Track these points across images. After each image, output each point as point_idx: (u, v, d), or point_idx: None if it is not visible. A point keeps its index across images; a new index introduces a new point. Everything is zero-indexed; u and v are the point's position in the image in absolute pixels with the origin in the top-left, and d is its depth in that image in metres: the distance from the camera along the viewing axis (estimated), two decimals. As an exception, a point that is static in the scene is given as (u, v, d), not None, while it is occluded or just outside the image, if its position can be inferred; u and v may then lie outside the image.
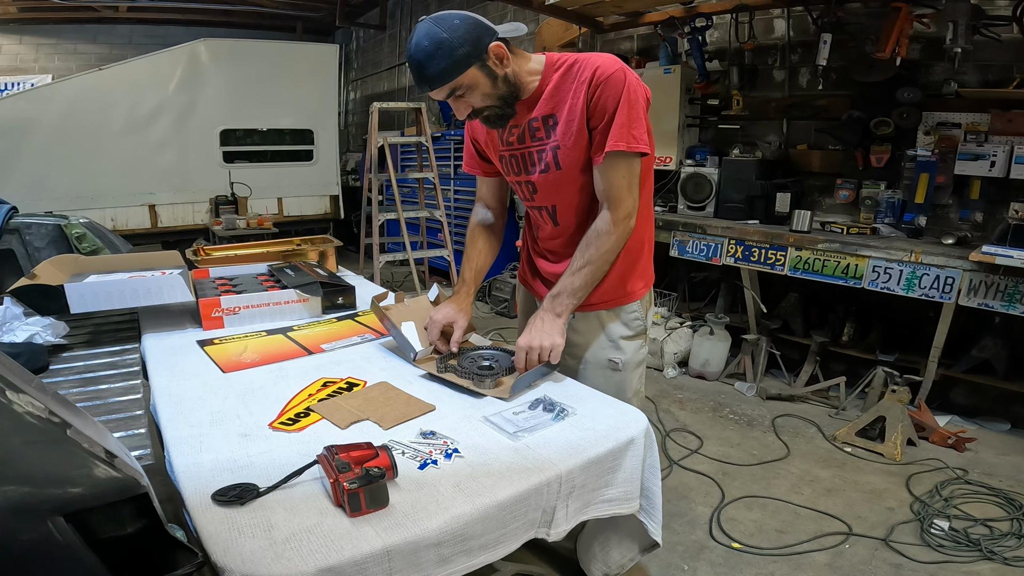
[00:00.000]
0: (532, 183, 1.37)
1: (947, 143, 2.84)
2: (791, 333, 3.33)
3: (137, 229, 5.93)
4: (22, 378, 0.70)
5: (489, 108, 1.24)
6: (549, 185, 1.34)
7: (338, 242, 2.41)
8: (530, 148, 1.33)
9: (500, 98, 1.23)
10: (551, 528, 0.96)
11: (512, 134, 1.34)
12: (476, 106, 1.23)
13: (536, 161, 1.33)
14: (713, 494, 2.23)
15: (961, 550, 1.89)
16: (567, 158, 1.28)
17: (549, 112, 1.27)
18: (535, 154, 1.33)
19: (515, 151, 1.36)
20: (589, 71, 1.21)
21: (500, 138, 1.38)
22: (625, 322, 1.42)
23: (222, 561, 0.71)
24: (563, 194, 1.34)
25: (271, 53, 6.45)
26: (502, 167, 1.43)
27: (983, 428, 2.74)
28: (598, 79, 1.20)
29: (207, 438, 1.00)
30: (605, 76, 1.19)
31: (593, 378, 1.41)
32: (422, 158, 4.66)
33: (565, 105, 1.25)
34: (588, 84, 1.21)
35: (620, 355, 1.41)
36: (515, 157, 1.37)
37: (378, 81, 7.92)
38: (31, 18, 7.10)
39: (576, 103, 1.23)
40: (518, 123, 1.32)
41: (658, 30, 3.72)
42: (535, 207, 1.43)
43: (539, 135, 1.30)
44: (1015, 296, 2.36)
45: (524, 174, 1.37)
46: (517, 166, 1.38)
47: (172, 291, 1.56)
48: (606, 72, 1.20)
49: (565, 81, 1.25)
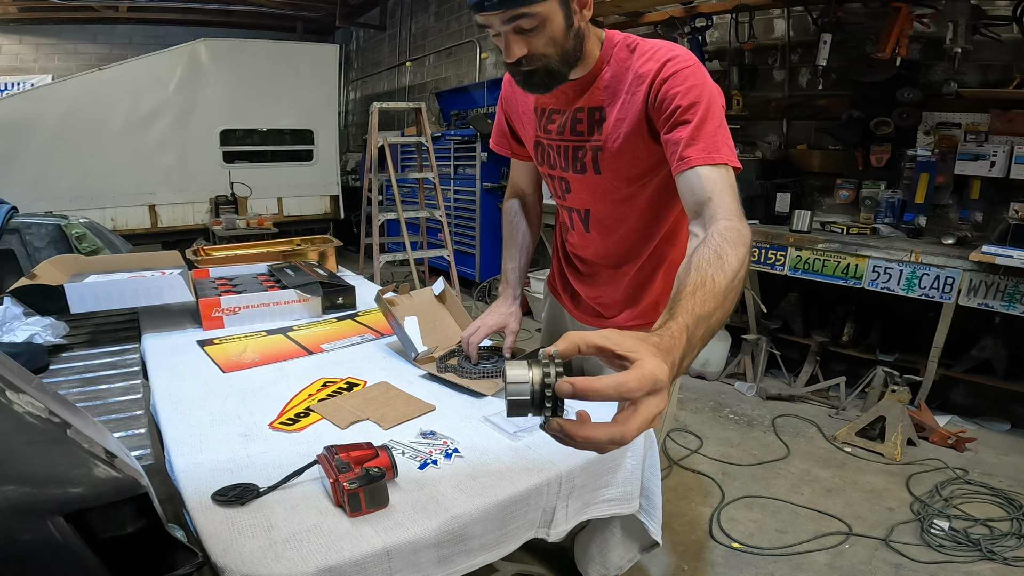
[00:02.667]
0: (566, 180, 1.20)
1: (947, 143, 2.84)
2: (791, 333, 3.33)
3: (137, 229, 5.93)
4: (22, 378, 0.70)
5: (546, 60, 1.00)
6: (585, 188, 1.18)
7: (338, 242, 2.41)
8: (568, 143, 1.15)
9: (563, 52, 1.01)
10: (551, 528, 0.96)
11: (552, 120, 1.17)
12: (536, 51, 0.99)
13: (572, 159, 1.16)
14: (713, 494, 2.23)
15: (961, 550, 1.89)
16: (609, 163, 1.10)
17: (599, 104, 1.09)
18: (571, 150, 1.15)
19: (553, 141, 1.18)
20: (654, 64, 1.00)
21: (538, 121, 1.20)
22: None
23: (222, 561, 0.71)
24: (601, 201, 1.18)
25: (271, 53, 6.45)
26: (535, 155, 1.26)
27: (983, 428, 2.74)
28: (667, 72, 0.99)
29: (207, 438, 1.00)
30: (677, 69, 0.98)
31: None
32: (422, 158, 4.66)
33: (618, 101, 1.06)
34: (652, 80, 1.00)
35: None
36: (552, 148, 1.19)
37: (378, 81, 7.92)
38: (31, 18, 7.10)
39: (631, 100, 1.04)
40: (562, 109, 1.14)
41: (658, 30, 3.72)
42: (567, 207, 1.27)
43: (580, 128, 1.12)
44: (1015, 296, 2.36)
45: (559, 169, 1.20)
46: (552, 159, 1.21)
47: (172, 291, 1.56)
48: (679, 65, 0.98)
49: (623, 70, 1.05)
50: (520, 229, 1.40)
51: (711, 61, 3.63)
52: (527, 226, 1.41)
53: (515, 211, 1.42)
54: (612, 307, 1.31)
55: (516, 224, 1.40)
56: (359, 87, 8.64)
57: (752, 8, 3.32)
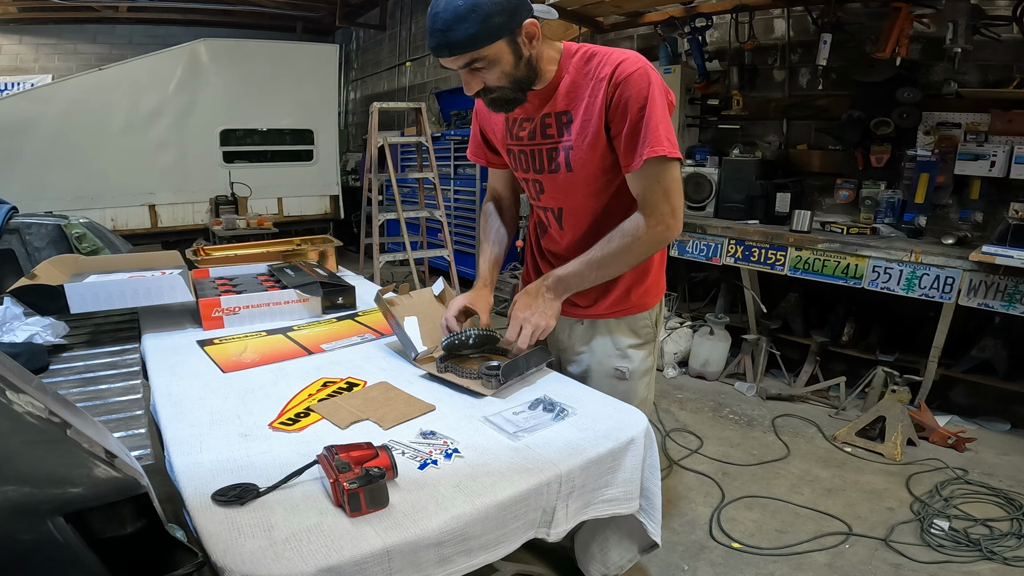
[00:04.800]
0: (540, 182, 1.30)
1: (947, 143, 2.84)
2: (791, 333, 3.33)
3: (137, 229, 5.93)
4: (22, 378, 0.70)
5: (500, 89, 1.13)
6: (558, 187, 1.27)
7: (338, 242, 2.41)
8: (541, 146, 1.25)
9: (516, 81, 1.12)
10: (551, 528, 0.96)
11: (523, 128, 1.26)
12: (490, 84, 1.12)
13: (546, 160, 1.26)
14: (713, 494, 2.23)
15: (961, 550, 1.89)
16: (579, 160, 1.20)
17: (564, 109, 1.19)
18: (545, 152, 1.25)
19: (524, 147, 1.29)
20: (609, 67, 1.12)
21: (508, 130, 1.30)
22: (634, 330, 1.37)
23: (222, 561, 0.71)
24: (572, 197, 1.28)
25: (271, 53, 6.45)
26: (510, 161, 1.37)
27: (983, 428, 2.74)
28: (618, 77, 1.10)
29: (207, 438, 1.00)
30: (626, 74, 1.10)
31: (598, 387, 1.35)
32: (422, 158, 4.66)
33: (582, 103, 1.16)
34: (607, 82, 1.12)
35: (627, 364, 1.37)
36: (524, 153, 1.30)
37: (378, 81, 7.93)
38: (31, 18, 7.11)
39: (594, 102, 1.14)
40: (530, 117, 1.24)
41: (658, 30, 3.72)
42: (541, 207, 1.37)
43: (550, 132, 1.23)
44: (1015, 296, 2.36)
45: (532, 172, 1.30)
46: (525, 163, 1.30)
47: (172, 291, 1.56)
48: (627, 70, 1.10)
49: (583, 76, 1.16)
50: (494, 227, 1.51)
51: (711, 61, 3.63)
52: (501, 224, 1.51)
53: (490, 212, 1.53)
54: (586, 296, 1.37)
55: (490, 223, 1.52)
56: (359, 87, 8.64)
57: (752, 8, 3.32)
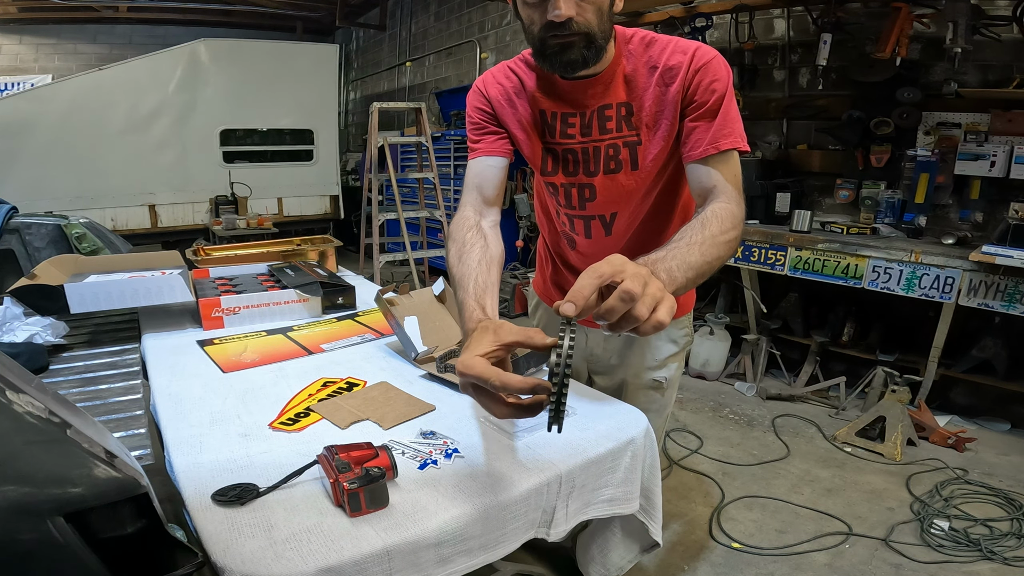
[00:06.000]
0: (592, 187, 1.14)
1: (947, 143, 2.84)
2: (791, 333, 3.33)
3: (137, 229, 5.93)
4: (22, 378, 0.70)
5: (589, 28, 0.95)
6: (617, 188, 1.13)
7: (338, 242, 2.41)
8: (599, 143, 1.10)
9: (603, 28, 0.98)
10: (551, 528, 0.96)
11: (570, 124, 1.11)
12: (581, 16, 0.94)
13: (603, 159, 1.11)
14: (713, 494, 2.23)
15: (961, 550, 1.89)
16: (648, 156, 1.08)
17: (625, 100, 1.07)
18: (603, 150, 1.10)
19: (575, 145, 1.11)
20: (682, 55, 1.02)
21: (548, 127, 1.13)
22: (674, 339, 1.29)
23: (222, 561, 0.71)
24: (630, 199, 1.14)
25: (271, 53, 6.46)
26: (546, 166, 1.16)
27: (983, 428, 2.74)
28: (698, 63, 1.01)
29: (207, 438, 1.00)
30: (706, 60, 1.01)
31: (634, 400, 1.26)
32: (422, 158, 4.67)
33: (646, 93, 1.05)
34: (686, 69, 1.01)
35: (665, 373, 1.29)
36: (573, 153, 1.12)
37: (378, 81, 7.92)
38: (31, 18, 7.10)
39: (665, 91, 1.03)
40: (577, 111, 1.09)
41: (658, 30, 3.71)
42: (583, 216, 1.18)
43: (610, 126, 1.08)
44: (1015, 296, 2.36)
45: (583, 175, 1.13)
46: (573, 164, 1.13)
47: (172, 291, 1.56)
48: (707, 56, 1.02)
49: (644, 64, 1.05)
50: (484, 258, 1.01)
51: (711, 61, 3.63)
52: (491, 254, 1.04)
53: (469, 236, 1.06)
54: None
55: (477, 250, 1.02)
56: (359, 87, 8.64)
57: (752, 8, 3.32)
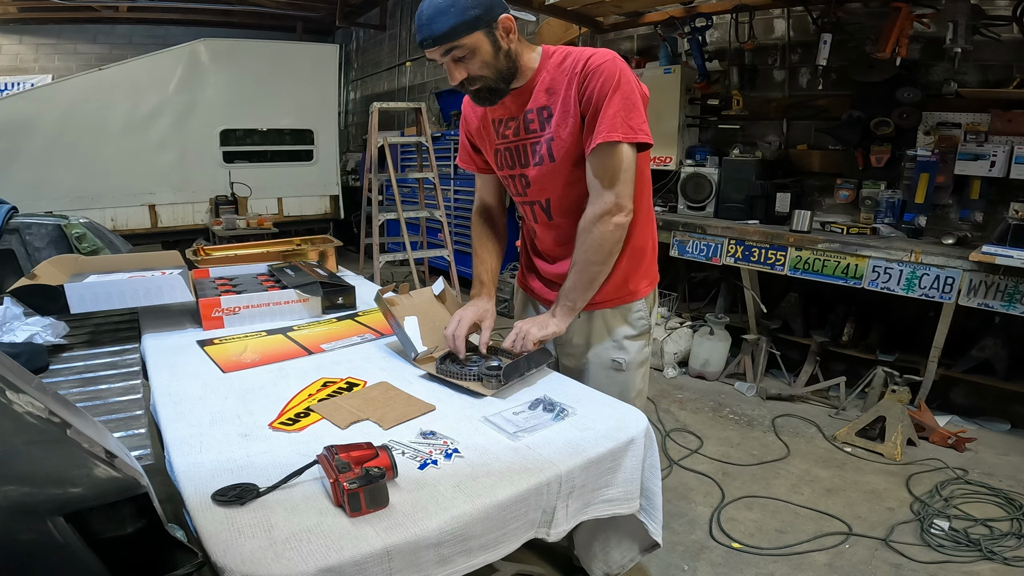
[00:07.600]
0: (526, 176, 1.36)
1: (947, 143, 2.84)
2: (791, 333, 3.33)
3: (137, 229, 5.93)
4: (22, 378, 0.70)
5: (483, 79, 1.22)
6: (543, 178, 1.34)
7: (338, 242, 2.41)
8: (525, 141, 1.33)
9: (498, 72, 1.22)
10: (551, 528, 0.96)
11: (508, 127, 1.35)
12: (472, 73, 1.21)
13: (531, 154, 1.33)
14: (713, 494, 2.23)
15: (961, 550, 1.89)
16: (560, 150, 1.28)
17: (544, 104, 1.28)
18: (529, 147, 1.33)
19: (510, 144, 1.37)
20: (581, 62, 1.22)
21: (496, 131, 1.38)
22: (630, 321, 1.41)
23: (222, 561, 0.71)
24: (556, 187, 1.34)
25: (271, 53, 6.45)
26: (496, 161, 1.43)
27: (983, 428, 2.74)
28: (588, 69, 1.21)
29: (207, 438, 1.00)
30: (595, 65, 1.20)
31: (596, 379, 1.40)
32: (422, 158, 4.66)
33: (559, 97, 1.25)
34: (579, 74, 1.22)
35: (624, 355, 1.40)
36: (509, 150, 1.37)
37: (378, 81, 7.92)
38: (31, 18, 7.10)
39: (569, 95, 1.24)
40: (514, 116, 1.33)
41: (658, 30, 3.72)
42: (528, 202, 1.42)
43: (533, 127, 1.30)
44: (1015, 296, 2.36)
45: (518, 167, 1.37)
46: (511, 159, 1.38)
47: (172, 291, 1.56)
48: (596, 62, 1.21)
49: (559, 73, 1.26)
50: (489, 236, 1.54)
51: (711, 61, 3.63)
52: (495, 233, 1.55)
53: (480, 222, 1.57)
54: None
55: (484, 232, 1.55)
56: (359, 87, 8.64)
57: (752, 8, 3.32)
